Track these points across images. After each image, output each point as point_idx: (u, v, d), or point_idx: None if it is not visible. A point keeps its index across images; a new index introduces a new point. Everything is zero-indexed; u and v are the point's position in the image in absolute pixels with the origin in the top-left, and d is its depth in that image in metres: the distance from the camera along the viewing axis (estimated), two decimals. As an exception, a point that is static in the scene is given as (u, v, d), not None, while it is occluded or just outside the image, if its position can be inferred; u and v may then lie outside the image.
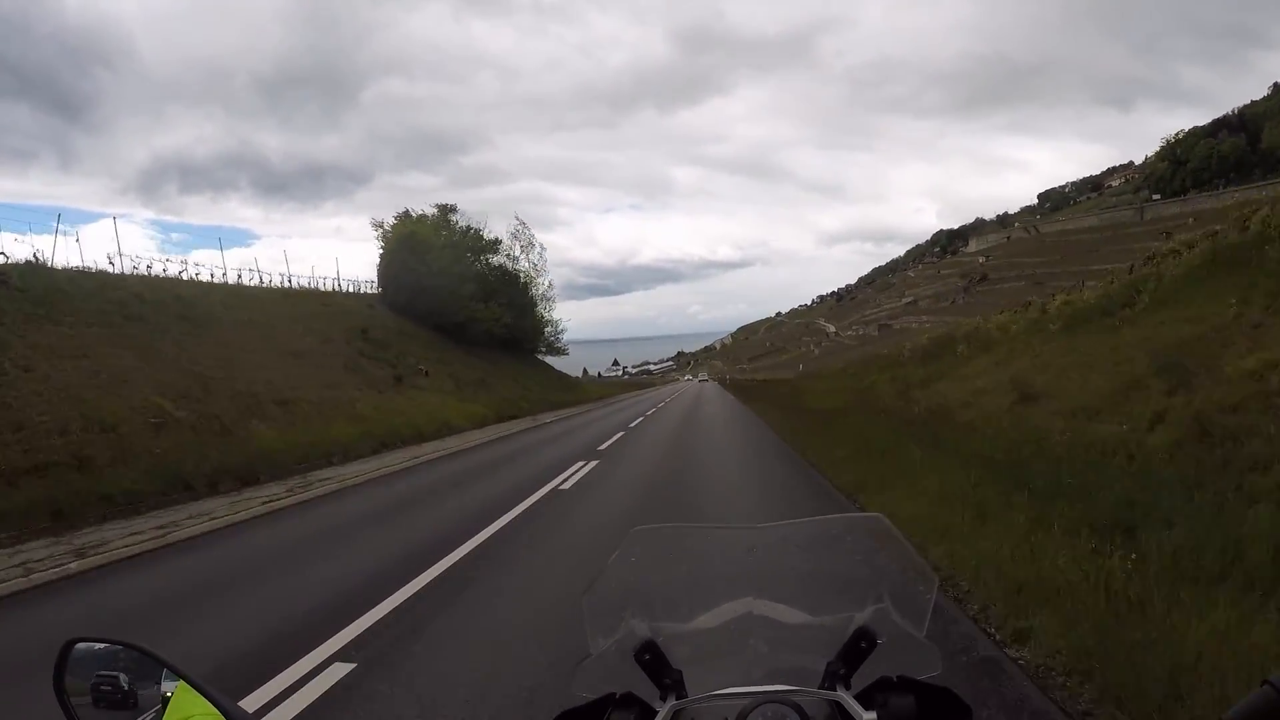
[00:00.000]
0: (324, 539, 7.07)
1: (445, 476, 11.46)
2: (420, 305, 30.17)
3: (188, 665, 0.87)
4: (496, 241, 39.36)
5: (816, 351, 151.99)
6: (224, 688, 0.85)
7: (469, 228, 38.32)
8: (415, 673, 3.49)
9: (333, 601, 4.71)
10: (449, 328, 30.88)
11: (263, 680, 3.44)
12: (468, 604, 4.62)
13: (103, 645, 0.90)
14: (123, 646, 0.89)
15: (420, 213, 35.90)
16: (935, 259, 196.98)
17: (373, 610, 4.42)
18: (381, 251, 32.66)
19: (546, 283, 43.61)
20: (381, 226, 33.74)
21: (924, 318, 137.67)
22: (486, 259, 38.09)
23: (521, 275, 40.81)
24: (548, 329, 42.74)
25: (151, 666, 0.87)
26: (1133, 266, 17.82)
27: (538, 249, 42.90)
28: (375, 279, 32.68)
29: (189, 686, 0.83)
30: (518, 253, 41.37)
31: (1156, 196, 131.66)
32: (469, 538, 6.33)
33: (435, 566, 5.43)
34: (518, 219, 44.50)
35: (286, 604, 4.83)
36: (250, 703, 3.15)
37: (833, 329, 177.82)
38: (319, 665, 3.61)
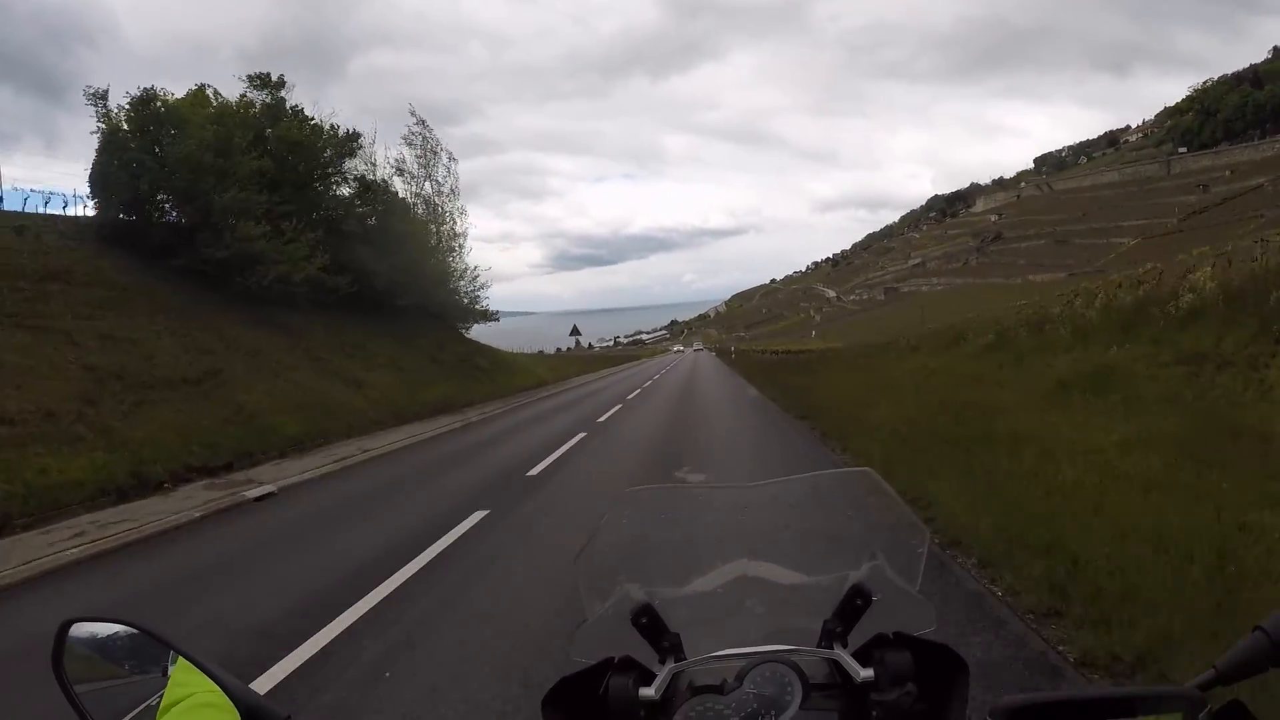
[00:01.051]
0: None
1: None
2: (155, 235, 15.72)
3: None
4: (352, 139, 22.63)
5: (818, 318, 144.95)
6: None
7: (328, 128, 22.01)
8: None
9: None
10: (211, 273, 15.80)
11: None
12: None
13: (101, 625, 0.88)
14: (122, 625, 0.88)
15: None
16: (936, 221, 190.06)
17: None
18: (100, 147, 15.97)
19: (458, 213, 28.29)
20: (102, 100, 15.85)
21: (934, 280, 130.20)
22: (333, 164, 22.19)
23: (414, 203, 26.59)
24: (461, 283, 27.65)
25: (152, 645, 0.86)
26: None
27: (445, 161, 28.04)
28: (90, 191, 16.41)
29: (190, 664, 0.82)
30: (412, 167, 26.97)
31: (1183, 149, 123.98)
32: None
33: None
34: (414, 114, 28.26)
35: None
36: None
37: (833, 294, 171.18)
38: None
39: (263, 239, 16.42)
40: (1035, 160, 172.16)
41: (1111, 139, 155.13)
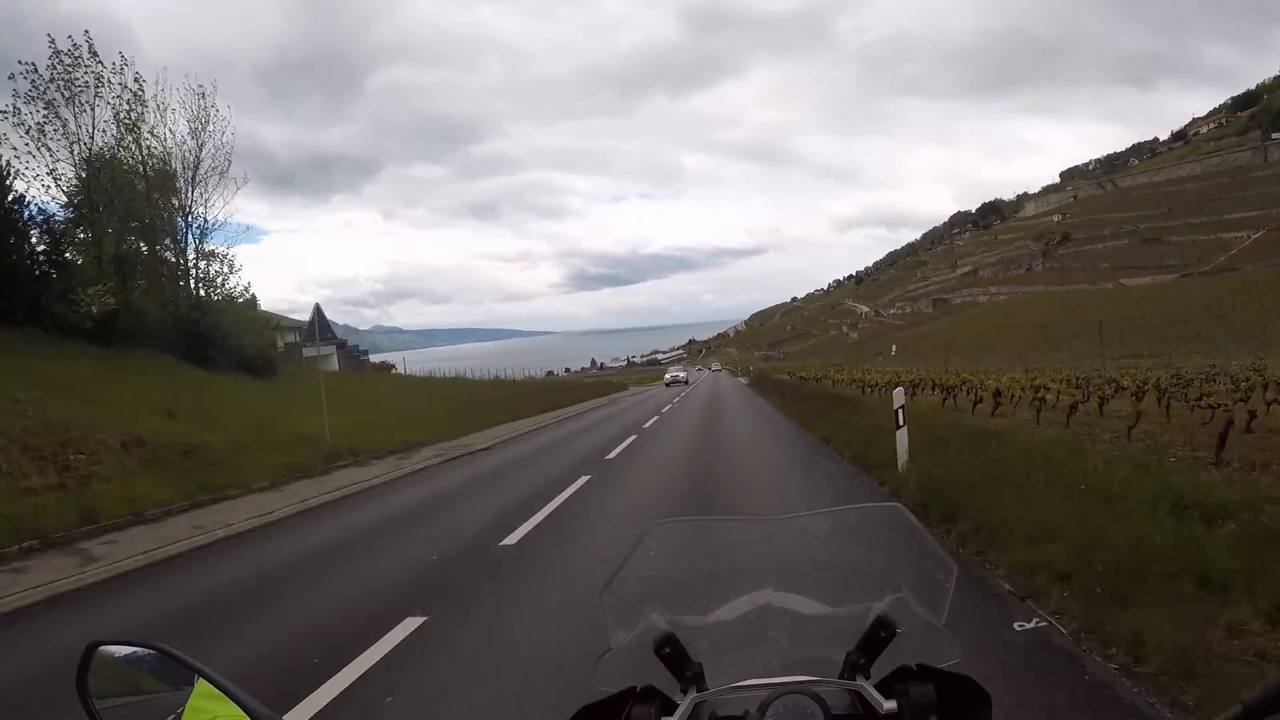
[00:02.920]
0: None
1: None
2: None
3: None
4: None
5: (855, 334, 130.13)
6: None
7: None
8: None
9: None
10: None
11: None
12: None
13: (125, 648, 0.91)
14: (145, 649, 0.89)
15: None
16: (978, 228, 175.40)
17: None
18: None
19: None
20: None
21: (992, 288, 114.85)
22: None
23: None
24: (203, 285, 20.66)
25: (174, 668, 0.87)
26: None
27: (214, 118, 20.02)
28: None
29: (212, 687, 0.83)
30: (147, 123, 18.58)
31: (1276, 135, 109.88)
32: None
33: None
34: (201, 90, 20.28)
35: None
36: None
37: (866, 309, 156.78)
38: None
39: None
40: (1061, 174, 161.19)
41: (1179, 134, 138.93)
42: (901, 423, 7.39)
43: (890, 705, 0.80)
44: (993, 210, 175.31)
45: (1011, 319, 58.37)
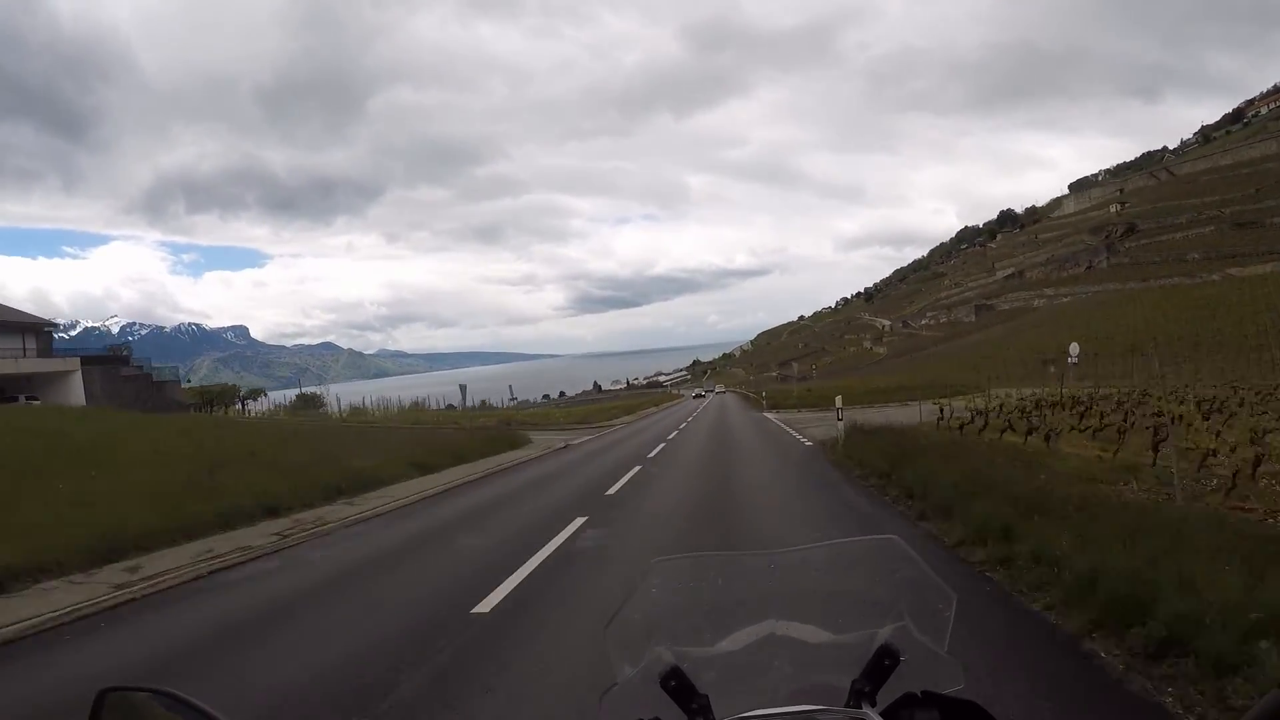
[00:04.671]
0: None
1: None
2: None
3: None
4: None
5: (882, 349, 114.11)
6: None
7: None
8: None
9: None
10: None
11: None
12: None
13: (137, 693, 0.89)
14: (157, 694, 0.88)
15: None
16: (980, 246, 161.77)
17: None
18: None
19: None
20: None
21: (1047, 291, 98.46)
22: None
23: None
24: None
25: (185, 713, 0.85)
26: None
27: None
28: None
29: None
30: None
31: None
32: None
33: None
34: None
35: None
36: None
37: (887, 322, 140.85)
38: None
39: None
40: (1070, 185, 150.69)
41: (1235, 115, 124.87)
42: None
43: None
44: (1008, 220, 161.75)
45: (1090, 322, 44.44)
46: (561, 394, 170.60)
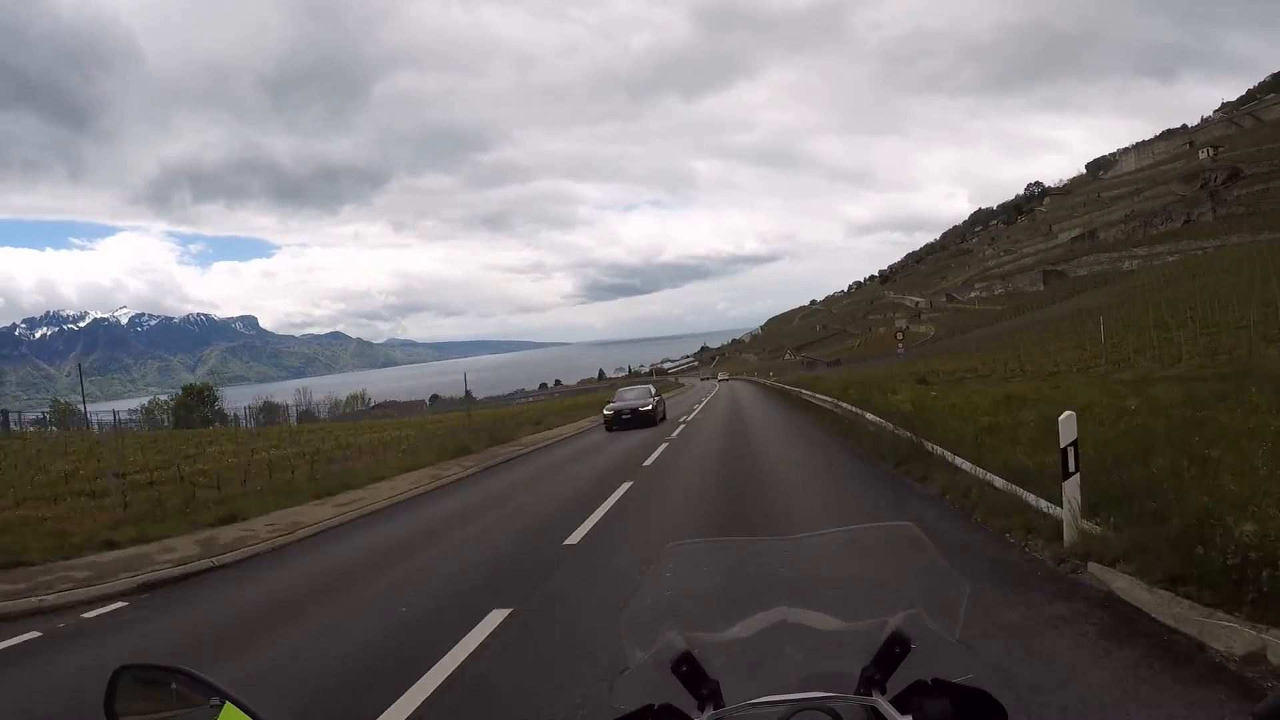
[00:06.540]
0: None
1: None
2: None
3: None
4: None
5: (927, 328, 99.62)
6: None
7: None
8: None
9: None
10: None
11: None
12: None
13: (152, 671, 0.91)
14: (171, 672, 0.89)
15: None
16: (1006, 222, 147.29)
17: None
18: None
19: None
20: None
21: (1138, 251, 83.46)
22: None
23: None
24: None
25: (201, 691, 0.86)
26: None
27: None
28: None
29: (238, 711, 0.83)
30: None
31: None
32: None
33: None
34: None
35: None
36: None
37: (920, 299, 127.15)
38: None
39: None
40: (1088, 165, 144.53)
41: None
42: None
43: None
44: (1035, 198, 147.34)
45: (1232, 280, 31.32)
46: (542, 386, 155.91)
